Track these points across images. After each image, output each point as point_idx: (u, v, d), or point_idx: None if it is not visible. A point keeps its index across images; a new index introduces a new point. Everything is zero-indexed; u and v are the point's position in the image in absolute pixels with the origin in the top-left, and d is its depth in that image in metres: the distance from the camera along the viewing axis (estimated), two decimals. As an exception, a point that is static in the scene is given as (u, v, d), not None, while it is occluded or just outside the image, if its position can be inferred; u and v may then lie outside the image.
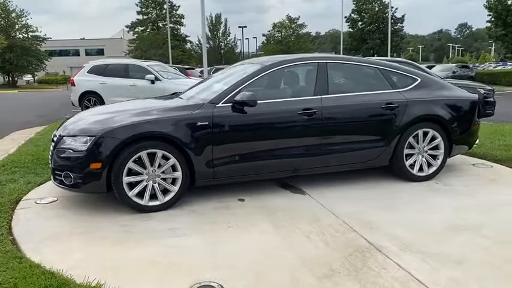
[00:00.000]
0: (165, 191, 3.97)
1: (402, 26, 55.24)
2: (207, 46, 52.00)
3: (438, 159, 4.82)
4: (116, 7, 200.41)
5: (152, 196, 3.92)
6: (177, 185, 3.96)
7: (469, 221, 3.63)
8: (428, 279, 2.69)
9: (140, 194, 3.88)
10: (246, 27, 57.31)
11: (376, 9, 54.34)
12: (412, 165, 4.74)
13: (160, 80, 11.48)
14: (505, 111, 10.89)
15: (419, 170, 4.76)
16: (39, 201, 4.20)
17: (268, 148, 4.26)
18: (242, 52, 61.02)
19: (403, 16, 54.36)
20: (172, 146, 3.90)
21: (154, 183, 3.91)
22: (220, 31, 58.70)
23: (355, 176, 4.82)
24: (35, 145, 6.82)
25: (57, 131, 4.25)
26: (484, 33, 40.25)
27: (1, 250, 3.05)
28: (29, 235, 3.42)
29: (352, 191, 4.45)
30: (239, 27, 56.59)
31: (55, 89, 35.12)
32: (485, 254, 3.04)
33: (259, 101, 4.11)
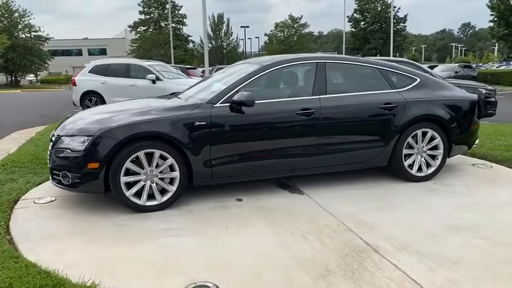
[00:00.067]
0: (163, 191, 3.97)
1: (405, 26, 55.18)
2: (209, 46, 52.24)
3: (437, 159, 4.81)
4: (119, 7, 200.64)
5: (150, 196, 3.92)
6: (175, 185, 3.96)
7: (467, 222, 3.61)
8: (424, 279, 2.69)
9: (138, 194, 3.88)
10: (249, 27, 57.64)
11: (378, 8, 54.26)
12: (411, 165, 4.72)
13: (161, 80, 11.48)
14: (507, 111, 10.83)
15: (418, 170, 4.74)
16: (37, 200, 4.21)
17: (266, 148, 4.25)
18: (244, 52, 61.03)
19: (406, 16, 54.32)
20: (170, 146, 3.90)
21: (152, 183, 3.91)
22: (222, 31, 58.83)
23: (353, 176, 4.81)
24: (35, 145, 6.83)
25: (55, 131, 4.26)
26: (487, 33, 40.05)
27: (-2, 250, 3.05)
28: (27, 235, 3.43)
29: (350, 191, 4.44)
30: (241, 26, 56.86)
31: (57, 89, 35.20)
32: (481, 255, 3.03)
33: (257, 101, 4.11)
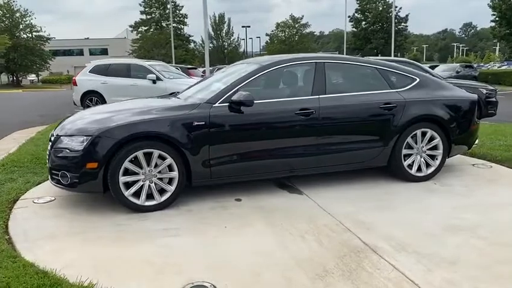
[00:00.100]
0: (162, 191, 3.97)
1: (406, 26, 55.19)
2: (211, 46, 52.25)
3: (437, 159, 4.80)
4: (120, 7, 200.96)
5: (149, 196, 3.92)
6: (174, 185, 3.96)
7: (466, 222, 3.61)
8: (422, 279, 2.68)
9: (137, 194, 3.88)
10: (250, 26, 57.59)
11: (379, 8, 54.26)
12: (411, 165, 4.71)
13: (161, 80, 11.50)
14: (507, 111, 10.81)
15: (417, 170, 4.73)
16: (36, 200, 4.21)
17: (265, 148, 4.25)
18: (246, 52, 61.05)
19: (407, 16, 54.34)
20: (168, 146, 3.90)
21: (150, 182, 3.91)
22: (223, 31, 58.89)
23: (352, 176, 4.80)
24: (35, 144, 6.84)
25: (54, 131, 4.26)
26: (489, 32, 40.01)
27: (-4, 249, 3.05)
28: (25, 234, 3.43)
29: (349, 191, 4.43)
30: (243, 26, 56.76)
31: (59, 89, 35.23)
32: (480, 255, 3.02)
33: (256, 101, 4.11)
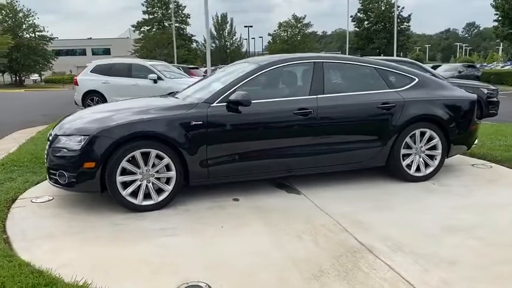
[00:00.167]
0: (159, 191, 3.97)
1: (409, 26, 54.93)
2: (213, 46, 52.27)
3: (436, 159, 4.78)
4: (122, 7, 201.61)
5: (146, 195, 3.92)
6: (171, 185, 3.96)
7: (464, 222, 3.59)
8: (418, 280, 2.67)
9: (134, 194, 3.88)
10: (252, 26, 57.36)
11: (382, 8, 54.07)
12: (409, 165, 4.70)
13: (162, 80, 11.51)
14: (508, 111, 10.77)
15: (416, 170, 4.72)
16: (35, 200, 4.22)
17: (263, 148, 4.24)
18: (248, 51, 61.00)
19: (410, 15, 54.05)
20: (166, 146, 3.90)
21: (148, 182, 3.91)
22: (226, 30, 58.87)
23: (350, 176, 4.79)
24: (35, 144, 6.85)
25: (53, 130, 4.26)
26: (492, 32, 39.85)
27: (-8, 249, 3.06)
28: (23, 234, 3.44)
29: (347, 191, 4.43)
30: (245, 26, 56.63)
31: (61, 89, 35.26)
32: (478, 255, 3.01)
33: (254, 101, 4.10)
